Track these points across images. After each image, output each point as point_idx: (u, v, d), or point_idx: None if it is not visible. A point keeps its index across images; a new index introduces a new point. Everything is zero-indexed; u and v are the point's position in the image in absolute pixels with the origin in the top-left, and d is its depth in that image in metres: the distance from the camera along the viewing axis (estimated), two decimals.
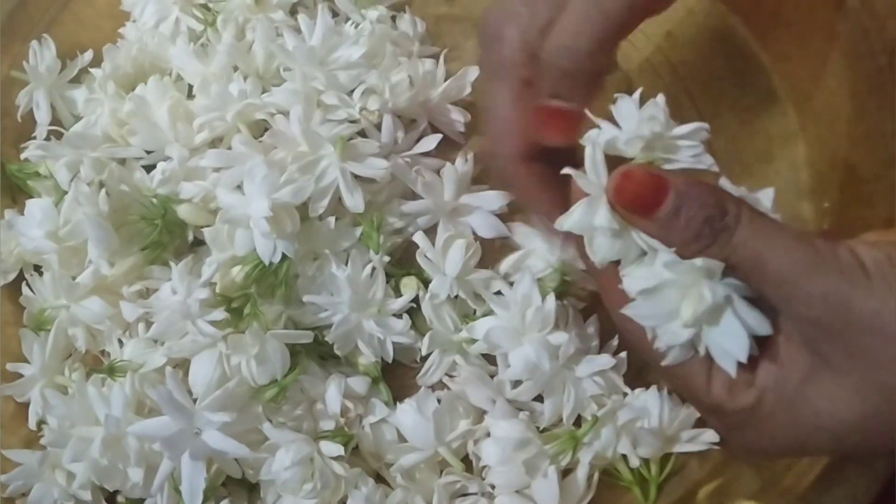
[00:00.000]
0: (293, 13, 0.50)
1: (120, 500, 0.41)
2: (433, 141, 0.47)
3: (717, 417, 0.33)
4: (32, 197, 0.46)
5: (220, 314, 0.40)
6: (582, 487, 0.40)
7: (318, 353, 0.43)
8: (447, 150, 0.47)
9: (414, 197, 0.45)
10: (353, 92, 0.47)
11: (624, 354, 0.42)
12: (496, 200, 0.45)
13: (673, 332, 0.31)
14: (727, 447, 0.39)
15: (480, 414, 0.42)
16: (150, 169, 0.46)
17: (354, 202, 0.43)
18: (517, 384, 0.41)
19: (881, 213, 0.42)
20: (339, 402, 0.41)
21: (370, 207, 0.44)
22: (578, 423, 0.41)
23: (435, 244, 0.43)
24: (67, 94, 0.50)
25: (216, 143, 0.47)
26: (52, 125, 0.49)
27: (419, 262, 0.43)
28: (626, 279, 0.31)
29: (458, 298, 0.43)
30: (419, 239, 0.44)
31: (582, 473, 0.40)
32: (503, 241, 0.45)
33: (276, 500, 0.40)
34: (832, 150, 0.46)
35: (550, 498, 0.38)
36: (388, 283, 0.43)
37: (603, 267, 0.32)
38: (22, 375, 0.43)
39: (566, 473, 0.40)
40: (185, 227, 0.44)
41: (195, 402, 0.38)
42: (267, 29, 0.48)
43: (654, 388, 0.40)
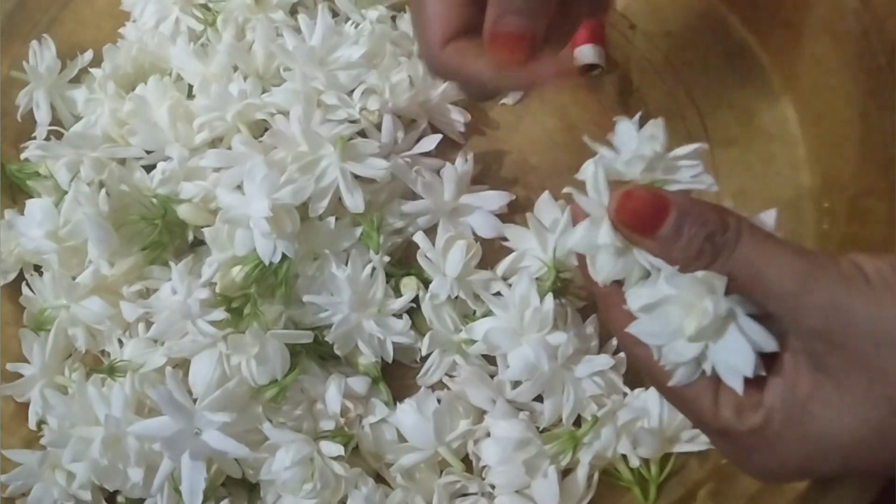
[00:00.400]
0: (293, 13, 0.50)
1: (120, 500, 0.41)
2: (433, 141, 0.47)
3: (725, 441, 0.32)
4: (32, 197, 0.46)
5: (220, 314, 0.40)
6: (582, 487, 0.40)
7: (318, 353, 0.43)
8: (447, 150, 0.47)
9: (414, 197, 0.45)
10: (353, 92, 0.47)
11: (623, 354, 0.42)
12: (496, 200, 0.45)
13: (678, 350, 0.30)
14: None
15: (480, 414, 0.42)
16: (150, 169, 0.46)
17: (354, 202, 0.43)
18: (517, 384, 0.41)
19: (881, 213, 0.42)
20: (339, 402, 0.41)
21: (370, 207, 0.44)
22: (578, 423, 0.41)
23: (435, 244, 0.43)
24: (67, 94, 0.50)
25: (216, 143, 0.47)
26: (52, 125, 0.49)
27: (419, 262, 0.43)
28: (629, 298, 0.31)
29: (458, 299, 0.43)
30: (419, 239, 0.44)
31: (582, 473, 0.40)
32: (503, 241, 0.45)
33: (276, 500, 0.40)
34: (832, 150, 0.46)
35: (550, 498, 0.39)
36: (388, 283, 0.43)
37: (606, 288, 0.32)
38: (22, 375, 0.43)
39: (566, 473, 0.40)
40: (185, 227, 0.44)
41: (195, 402, 0.38)
42: (267, 29, 0.49)
43: (653, 388, 0.40)
